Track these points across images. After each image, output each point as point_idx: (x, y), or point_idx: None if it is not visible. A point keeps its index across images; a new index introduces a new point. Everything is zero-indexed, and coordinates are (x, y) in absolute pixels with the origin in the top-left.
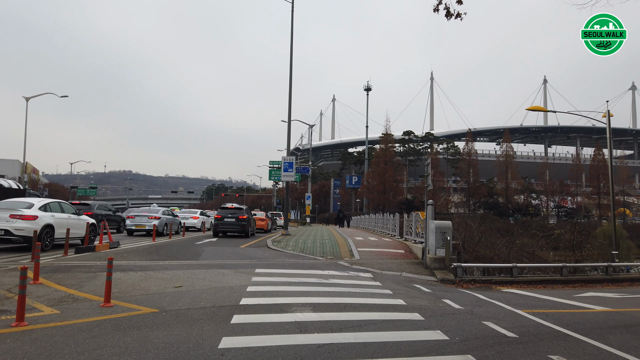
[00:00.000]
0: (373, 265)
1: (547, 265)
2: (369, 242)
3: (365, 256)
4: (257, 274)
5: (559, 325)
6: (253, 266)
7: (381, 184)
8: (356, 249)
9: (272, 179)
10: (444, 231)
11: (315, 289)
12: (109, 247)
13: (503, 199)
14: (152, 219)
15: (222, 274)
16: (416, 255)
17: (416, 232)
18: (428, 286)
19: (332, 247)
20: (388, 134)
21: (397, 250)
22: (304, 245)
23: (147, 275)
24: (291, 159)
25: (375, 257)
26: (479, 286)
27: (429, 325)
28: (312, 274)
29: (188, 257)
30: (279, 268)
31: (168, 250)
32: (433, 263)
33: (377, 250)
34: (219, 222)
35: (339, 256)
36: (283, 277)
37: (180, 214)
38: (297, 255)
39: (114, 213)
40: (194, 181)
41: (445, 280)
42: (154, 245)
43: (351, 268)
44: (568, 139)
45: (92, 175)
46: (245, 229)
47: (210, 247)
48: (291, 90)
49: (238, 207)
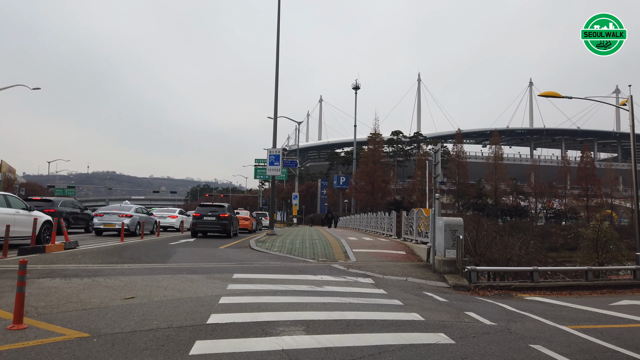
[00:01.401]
0: (372, 268)
1: (571, 269)
2: (364, 242)
3: (362, 258)
4: (234, 280)
5: (625, 347)
6: (231, 270)
7: (370, 184)
8: (351, 250)
9: (257, 178)
10: (454, 229)
11: (307, 299)
12: (63, 248)
13: (492, 200)
14: (122, 217)
15: (190, 281)
16: (419, 257)
17: (418, 230)
18: (441, 294)
19: (323, 248)
20: (377, 133)
21: (397, 251)
22: (292, 245)
23: (94, 282)
24: (277, 151)
25: (374, 259)
26: (497, 293)
27: (466, 352)
28: (303, 279)
29: (155, 259)
30: (262, 272)
31: (134, 251)
32: (442, 266)
33: (374, 251)
34: (197, 220)
35: (333, 258)
36: (267, 283)
37: (157, 212)
38: (283, 257)
39: (82, 210)
40: (178, 182)
41: (458, 287)
42: (120, 246)
43: (348, 272)
44: (553, 141)
45: (75, 175)
46: (227, 228)
47: (185, 248)
48: (277, 76)
49: (219, 205)
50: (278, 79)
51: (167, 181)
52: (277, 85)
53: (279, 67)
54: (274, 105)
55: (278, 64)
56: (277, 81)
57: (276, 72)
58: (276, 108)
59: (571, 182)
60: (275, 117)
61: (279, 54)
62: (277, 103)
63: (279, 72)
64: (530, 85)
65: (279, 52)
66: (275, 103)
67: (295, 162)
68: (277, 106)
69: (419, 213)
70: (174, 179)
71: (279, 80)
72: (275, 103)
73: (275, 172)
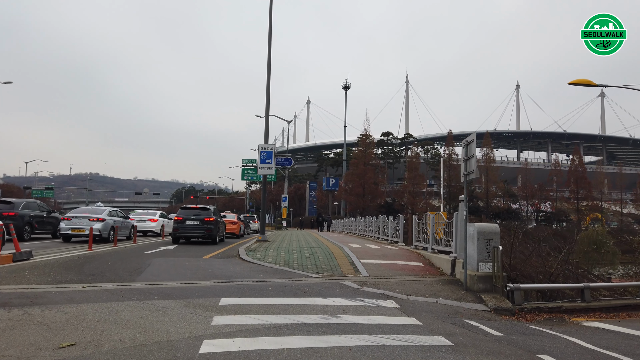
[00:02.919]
0: (391, 286)
1: (628, 284)
2: (371, 251)
3: (374, 272)
4: (222, 310)
5: None
6: (217, 292)
7: (360, 186)
8: (359, 260)
9: (245, 179)
10: (488, 237)
11: (324, 340)
12: (11, 260)
13: (483, 202)
14: (93, 221)
15: (162, 311)
16: (441, 270)
17: (435, 238)
18: (486, 322)
19: (326, 258)
20: (367, 134)
21: (412, 262)
22: (289, 255)
23: (25, 317)
24: (270, 148)
25: (388, 272)
26: (547, 317)
27: None
28: (311, 305)
29: (122, 275)
30: (257, 295)
31: (99, 264)
32: (476, 283)
33: (386, 262)
34: (179, 225)
35: (340, 272)
36: (265, 313)
37: (135, 215)
38: (281, 270)
39: (49, 214)
40: (164, 184)
41: (500, 310)
42: (85, 256)
43: (363, 292)
44: (539, 144)
45: (57, 177)
46: (212, 233)
47: (162, 259)
48: (270, 53)
49: (203, 207)
50: (270, 55)
51: (151, 183)
52: (270, 65)
53: (271, 58)
54: (265, 94)
55: (270, 41)
56: (270, 59)
57: (269, 49)
58: (268, 94)
59: (561, 184)
60: (268, 106)
61: (271, 29)
62: (270, 87)
63: (272, 37)
64: (518, 88)
65: (272, 30)
66: (268, 88)
67: (290, 160)
68: (269, 92)
69: (435, 217)
70: (159, 180)
71: (271, 47)
72: (268, 88)
73: (268, 171)
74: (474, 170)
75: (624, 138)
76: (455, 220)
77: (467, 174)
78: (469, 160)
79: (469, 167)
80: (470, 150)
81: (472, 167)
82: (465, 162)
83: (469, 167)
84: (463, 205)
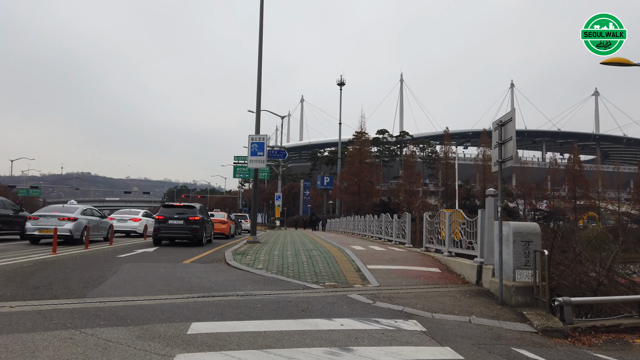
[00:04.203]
0: (409, 300)
1: None
2: (376, 253)
3: (385, 280)
4: (189, 343)
5: None
6: (188, 313)
7: (356, 184)
8: (365, 266)
9: (237, 176)
10: (527, 239)
11: None
12: None
13: (480, 202)
14: (64, 220)
15: (102, 348)
16: (463, 278)
17: (453, 239)
18: (539, 349)
19: (326, 263)
20: (362, 131)
21: (427, 268)
22: (282, 259)
23: None
24: (262, 138)
25: (402, 281)
26: (606, 339)
27: None
28: (312, 331)
29: (74, 289)
30: (241, 317)
31: (52, 272)
32: (514, 296)
33: (397, 268)
34: (161, 225)
35: (344, 281)
36: (250, 348)
37: (117, 215)
38: (273, 279)
39: (17, 213)
40: (156, 183)
41: (550, 331)
42: (44, 261)
43: (376, 308)
44: (533, 143)
45: (48, 176)
46: (198, 234)
47: (133, 265)
48: (262, 32)
49: (188, 205)
50: (262, 34)
51: (144, 182)
52: (261, 42)
53: (262, 34)
54: (257, 75)
55: (262, 21)
56: (261, 36)
57: (260, 29)
58: (260, 75)
59: (557, 183)
60: (259, 89)
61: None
62: (261, 69)
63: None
64: (512, 87)
65: (263, 15)
66: (260, 68)
67: (284, 153)
68: (260, 74)
69: (453, 215)
70: (151, 180)
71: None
72: (260, 68)
73: (259, 164)
74: (513, 155)
75: (618, 137)
76: (480, 219)
77: (503, 160)
78: (505, 144)
79: (504, 153)
80: (506, 131)
81: (510, 152)
82: (500, 146)
83: (504, 153)
84: (492, 200)
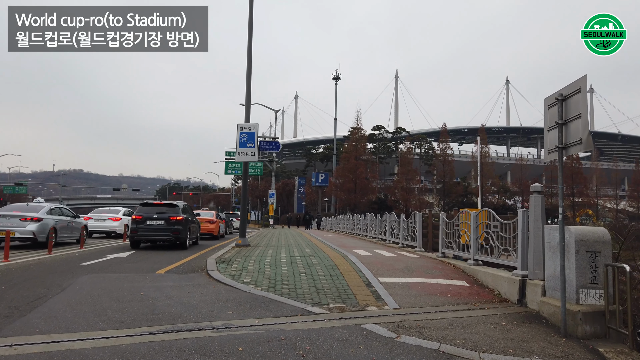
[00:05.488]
0: (443, 330)
1: None
2: (386, 261)
3: (405, 299)
4: None
5: None
6: None
7: (352, 181)
8: (375, 278)
9: (229, 173)
10: (594, 250)
11: None
12: None
13: (477, 198)
14: (26, 220)
15: None
16: (498, 294)
17: (479, 244)
18: None
19: (329, 275)
20: (358, 127)
21: (451, 280)
22: (275, 269)
23: None
24: (252, 128)
25: (426, 299)
26: None
27: None
28: None
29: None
30: None
31: None
32: (581, 324)
33: (415, 281)
34: (138, 225)
35: (353, 300)
36: None
37: (94, 214)
38: (263, 299)
39: None
40: (149, 181)
41: None
42: None
43: (401, 346)
44: (529, 140)
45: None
46: (180, 236)
47: (92, 278)
48: (252, 6)
49: (169, 204)
50: (252, 4)
51: (137, 180)
52: (252, 8)
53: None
54: (247, 48)
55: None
56: (251, 6)
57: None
58: (250, 47)
59: (555, 180)
60: (249, 68)
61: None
62: (252, 37)
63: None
64: (507, 83)
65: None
66: (250, 34)
67: (277, 144)
68: (250, 45)
69: (479, 217)
70: (144, 177)
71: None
72: (250, 34)
73: (249, 157)
74: (582, 139)
75: (613, 134)
76: (521, 221)
77: (565, 146)
78: (568, 124)
79: (567, 136)
80: (570, 107)
81: (579, 135)
82: (561, 127)
83: (567, 136)
84: (539, 199)
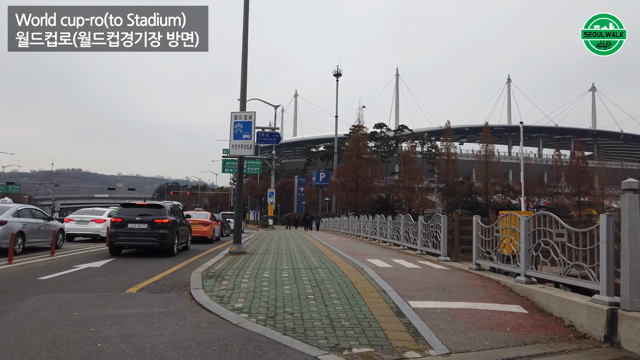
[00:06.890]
0: None
1: None
2: (409, 273)
3: (452, 336)
4: None
5: None
6: None
7: (353, 180)
8: (406, 303)
9: (226, 171)
10: None
11: None
12: None
13: (482, 198)
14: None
15: None
16: (571, 326)
17: (532, 256)
18: None
19: (344, 298)
20: (360, 125)
21: (502, 304)
22: (276, 288)
23: None
24: (248, 117)
25: (479, 336)
26: None
27: None
28: None
29: None
30: None
31: None
32: None
33: (458, 307)
34: (118, 230)
35: (381, 339)
36: None
37: (76, 215)
38: (260, 341)
39: None
40: (147, 180)
41: None
42: None
43: None
44: (530, 139)
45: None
46: (167, 241)
47: (38, 301)
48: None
49: (154, 205)
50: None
51: (135, 179)
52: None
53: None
54: (242, 28)
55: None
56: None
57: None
58: (246, 23)
59: (559, 179)
60: (245, 45)
61: None
62: (248, 14)
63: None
64: (509, 82)
65: None
66: (245, 14)
67: (277, 136)
68: (247, 21)
69: (530, 222)
70: (143, 176)
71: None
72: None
73: (245, 151)
74: None
75: (615, 132)
76: (605, 229)
77: None
78: None
79: None
80: None
81: None
82: None
83: None
84: (636, 199)
